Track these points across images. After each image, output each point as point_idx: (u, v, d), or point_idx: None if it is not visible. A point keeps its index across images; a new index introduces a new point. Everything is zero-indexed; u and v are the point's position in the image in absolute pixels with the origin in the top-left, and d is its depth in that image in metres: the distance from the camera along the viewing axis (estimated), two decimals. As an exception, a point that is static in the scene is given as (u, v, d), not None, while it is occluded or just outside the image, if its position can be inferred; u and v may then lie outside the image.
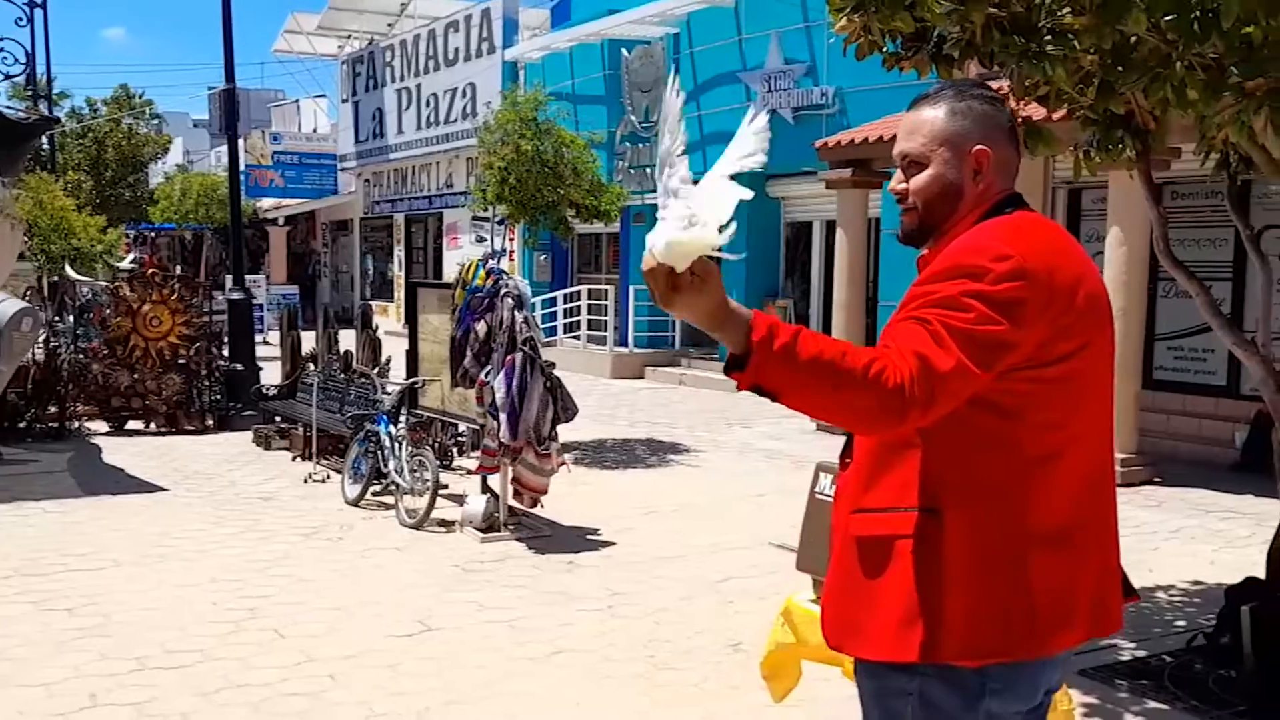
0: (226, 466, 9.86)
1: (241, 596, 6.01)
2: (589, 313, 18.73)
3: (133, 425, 11.66)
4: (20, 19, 18.41)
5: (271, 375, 12.73)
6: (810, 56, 15.17)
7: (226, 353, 12.77)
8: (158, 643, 5.26)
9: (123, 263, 14.24)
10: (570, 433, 9.65)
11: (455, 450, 9.97)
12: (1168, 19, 3.37)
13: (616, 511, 8.10)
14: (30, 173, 19.49)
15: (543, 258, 21.31)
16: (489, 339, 7.33)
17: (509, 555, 6.95)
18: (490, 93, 20.79)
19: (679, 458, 10.48)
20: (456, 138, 23.93)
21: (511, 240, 20.01)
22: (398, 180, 27.94)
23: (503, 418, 7.06)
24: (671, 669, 5.03)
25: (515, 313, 7.25)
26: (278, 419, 11.07)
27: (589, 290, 18.97)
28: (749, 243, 16.36)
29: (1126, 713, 4.43)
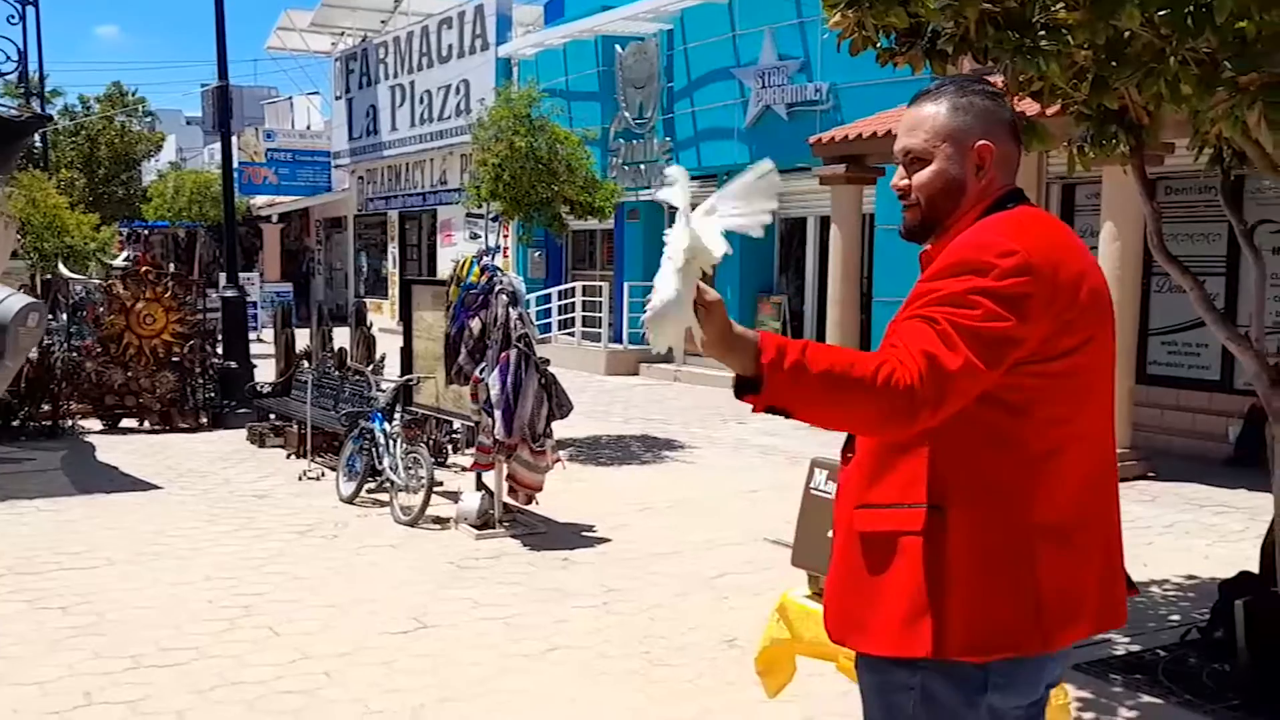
0: (221, 464, 9.84)
1: (236, 594, 6.00)
2: (583, 309, 18.72)
3: (127, 423, 11.64)
4: (12, 16, 18.35)
5: (266, 373, 12.72)
6: (804, 52, 15.17)
7: (220, 350, 12.75)
8: (152, 641, 5.25)
9: (116, 260, 14.20)
10: (565, 429, 9.65)
11: (450, 447, 9.96)
12: (1161, 14, 3.37)
13: (611, 508, 8.10)
14: (23, 170, 19.47)
15: (537, 254, 21.30)
16: (484, 336, 7.33)
17: (504, 552, 6.95)
18: (484, 89, 20.76)
19: (674, 454, 10.48)
20: (450, 134, 23.91)
21: (506, 237, 20.01)
22: (391, 177, 27.91)
23: (497, 415, 7.06)
24: (666, 665, 5.03)
25: (510, 309, 7.25)
26: (272, 417, 11.05)
27: (583, 287, 18.96)
28: (742, 240, 16.31)
29: (1121, 707, 4.44)
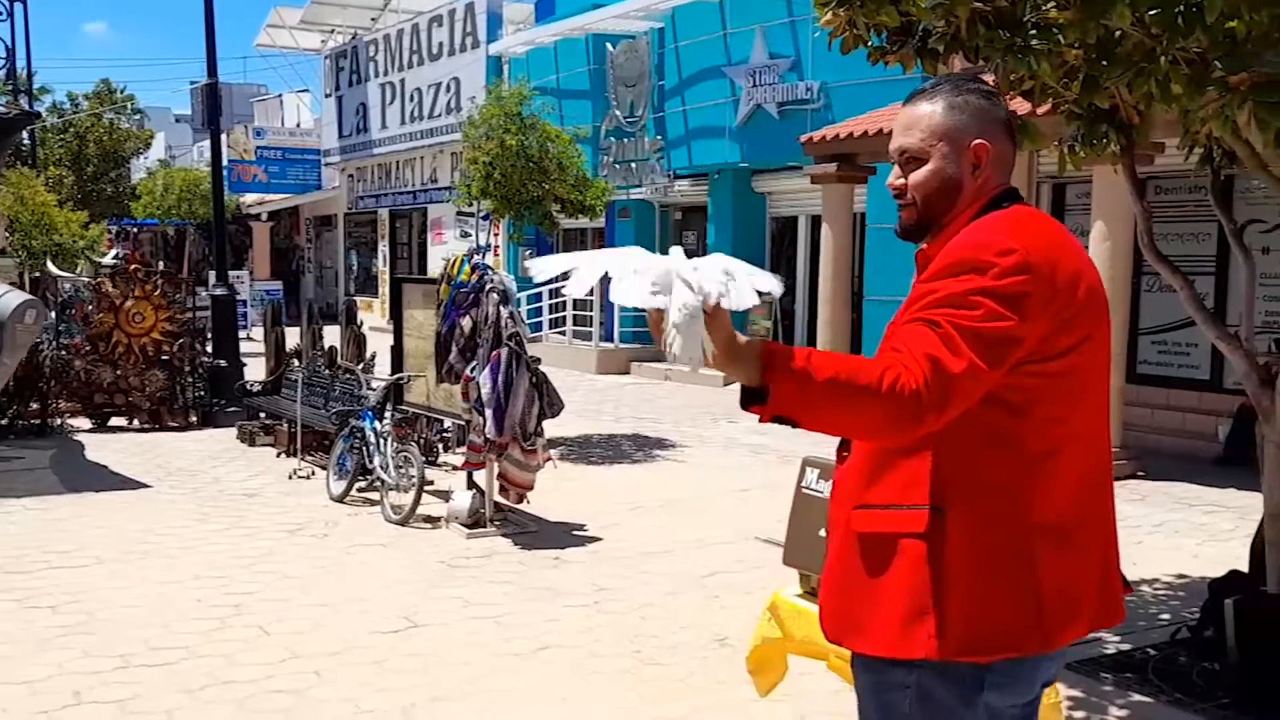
0: (210, 463, 9.82)
1: (226, 593, 5.99)
2: (574, 308, 18.72)
3: (116, 422, 11.60)
4: (1, 13, 18.28)
5: (255, 371, 12.69)
6: (795, 51, 15.17)
7: (210, 349, 12.71)
8: (141, 640, 5.23)
9: (105, 258, 14.15)
10: (556, 428, 9.64)
11: (441, 446, 9.95)
12: (1152, 13, 3.38)
13: (602, 507, 8.09)
14: (11, 168, 19.38)
15: (528, 253, 21.26)
16: (474, 334, 7.32)
17: (495, 551, 6.94)
18: (474, 87, 20.74)
19: (664, 453, 10.48)
20: (440, 132, 23.87)
21: (496, 235, 19.98)
22: (382, 175, 27.86)
23: (488, 413, 7.05)
24: (657, 664, 5.03)
25: (501, 308, 7.24)
26: (262, 415, 11.02)
27: (574, 285, 18.92)
28: (734, 238, 16.38)
29: (1111, 705, 4.45)
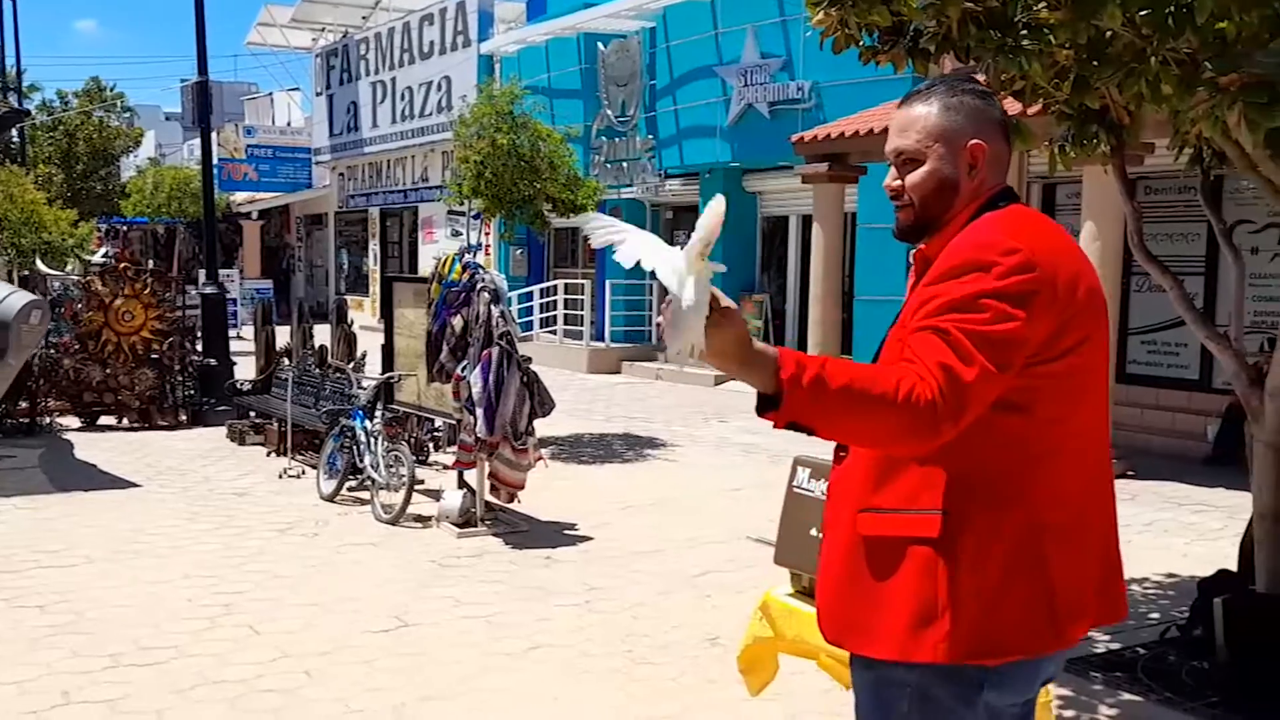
0: (200, 462, 9.79)
1: (216, 593, 5.97)
2: (565, 307, 18.71)
3: (105, 421, 11.56)
4: (-10, 10, 18.23)
5: (246, 370, 12.66)
6: (786, 51, 15.18)
7: (200, 348, 12.68)
8: (131, 639, 5.22)
9: (94, 257, 14.11)
10: (547, 428, 9.64)
11: (431, 445, 9.94)
12: (1143, 14, 3.39)
13: (593, 506, 8.09)
14: (0, 166, 19.30)
15: (519, 252, 21.27)
16: (465, 334, 7.31)
17: (486, 550, 6.93)
18: (465, 86, 20.71)
19: (656, 452, 10.48)
20: (431, 131, 23.84)
21: (487, 234, 19.96)
22: (372, 174, 27.81)
23: (479, 413, 7.04)
24: (649, 663, 5.03)
25: (491, 307, 7.23)
26: (252, 414, 10.99)
27: (565, 285, 18.95)
28: (725, 237, 16.35)
29: (1101, 704, 4.46)
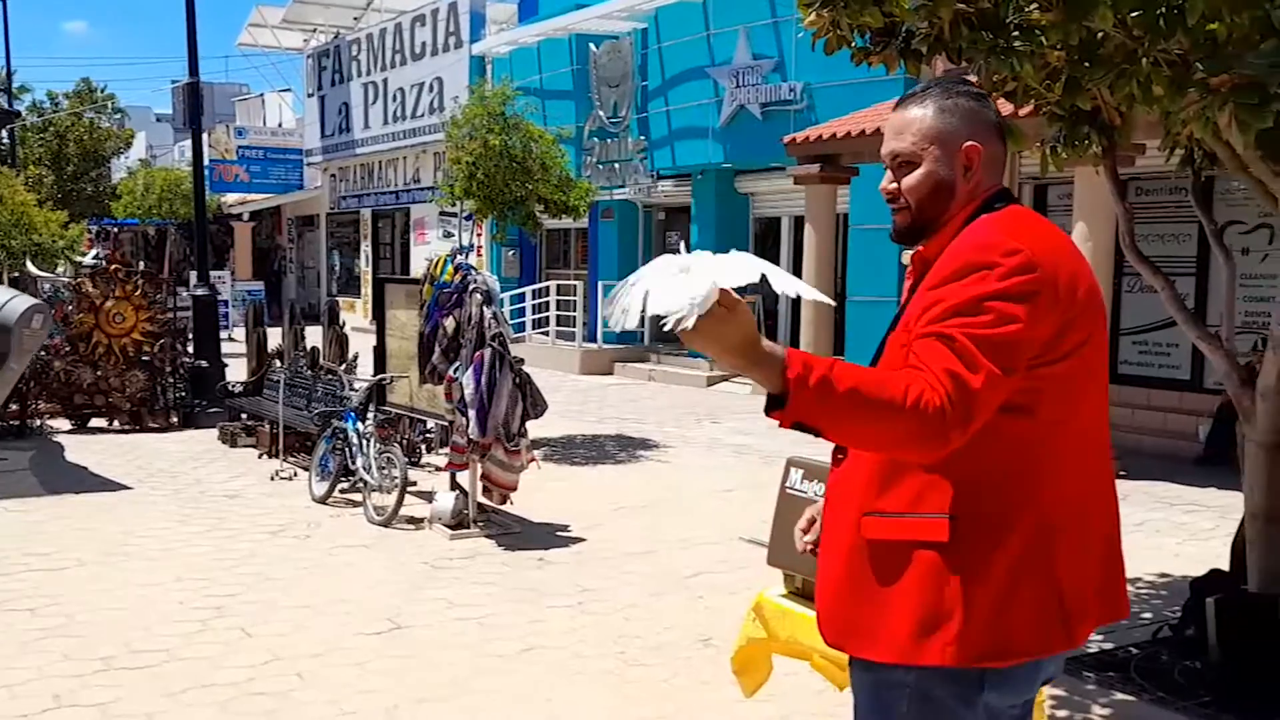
0: (191, 464, 9.77)
1: (208, 595, 5.95)
2: (558, 308, 18.70)
3: (96, 423, 11.53)
4: (-21, 11, 18.15)
5: (237, 372, 12.63)
6: (778, 52, 15.19)
7: (191, 349, 12.65)
8: (123, 642, 5.20)
9: (85, 258, 14.07)
10: (539, 429, 9.62)
11: (424, 447, 9.93)
12: (1134, 15, 3.39)
13: (586, 507, 8.08)
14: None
15: (511, 253, 21.25)
16: (457, 335, 7.30)
17: (478, 552, 6.93)
18: (457, 87, 20.69)
19: (648, 453, 10.48)
20: (423, 132, 23.82)
21: (479, 236, 19.94)
22: (364, 175, 27.78)
23: (471, 414, 7.03)
24: (642, 665, 5.02)
25: (484, 308, 7.22)
26: (244, 416, 10.98)
27: (558, 286, 18.95)
28: (718, 238, 16.38)
29: (1094, 704, 4.47)
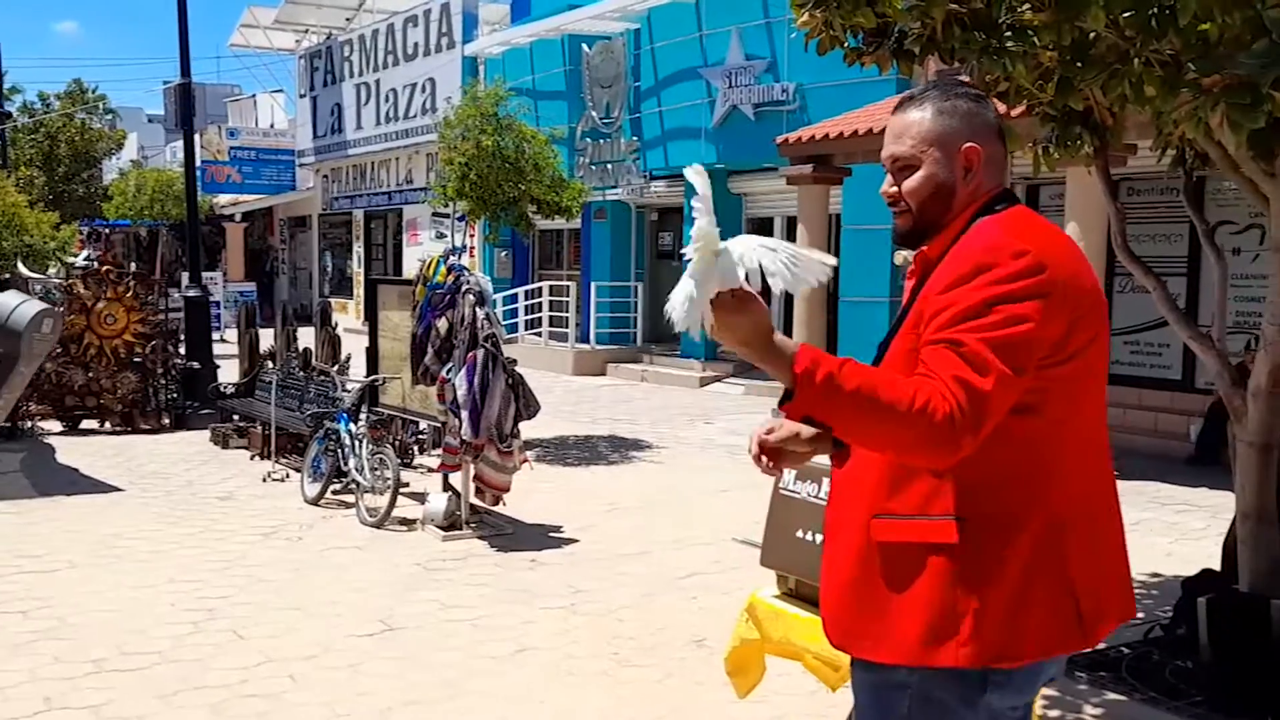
0: (183, 466, 9.74)
1: (200, 597, 5.94)
2: (550, 309, 18.69)
3: (87, 425, 11.49)
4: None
5: (229, 373, 12.61)
6: (771, 52, 15.20)
7: (183, 351, 12.62)
8: (114, 644, 5.19)
9: (77, 260, 14.03)
10: (532, 430, 9.62)
11: (416, 448, 9.91)
12: (1126, 15, 3.40)
13: (579, 509, 8.08)
14: (-19, 168, 19.18)
15: (504, 254, 21.25)
16: (450, 336, 7.30)
17: (471, 553, 6.92)
18: (450, 88, 20.68)
19: (641, 454, 10.47)
20: (416, 133, 23.80)
21: (472, 236, 19.94)
22: (357, 176, 27.75)
23: (464, 415, 7.03)
24: (635, 666, 5.02)
25: (477, 309, 7.21)
26: (236, 417, 10.95)
27: (550, 287, 18.94)
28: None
29: (1086, 704, 4.47)
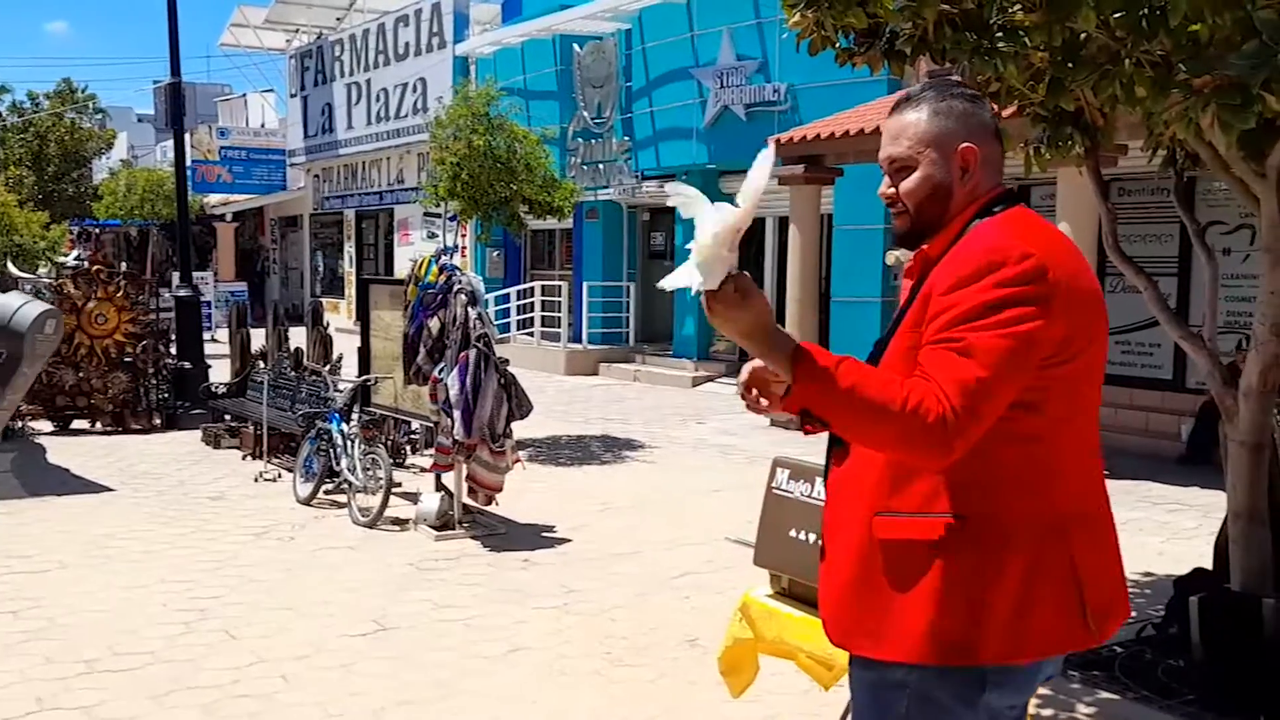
0: (175, 466, 9.72)
1: (191, 597, 5.93)
2: (542, 309, 18.68)
3: (78, 425, 11.47)
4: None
5: (220, 373, 12.58)
6: (762, 53, 15.21)
7: (174, 351, 12.59)
8: (106, 645, 5.18)
9: (67, 259, 13.99)
10: (525, 430, 9.61)
11: (409, 448, 9.91)
12: (1117, 16, 3.40)
13: (572, 508, 8.08)
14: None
15: (495, 254, 21.22)
16: (442, 336, 7.29)
17: (464, 553, 6.91)
18: (441, 88, 20.66)
19: (634, 454, 10.47)
20: (407, 133, 23.76)
21: (464, 236, 19.92)
22: (348, 176, 27.70)
23: (457, 415, 7.02)
24: (628, 665, 5.02)
25: (469, 309, 7.21)
26: (227, 417, 10.94)
27: (542, 286, 18.93)
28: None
29: (1079, 703, 4.48)
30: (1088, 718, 4.39)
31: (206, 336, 15.16)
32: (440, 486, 7.61)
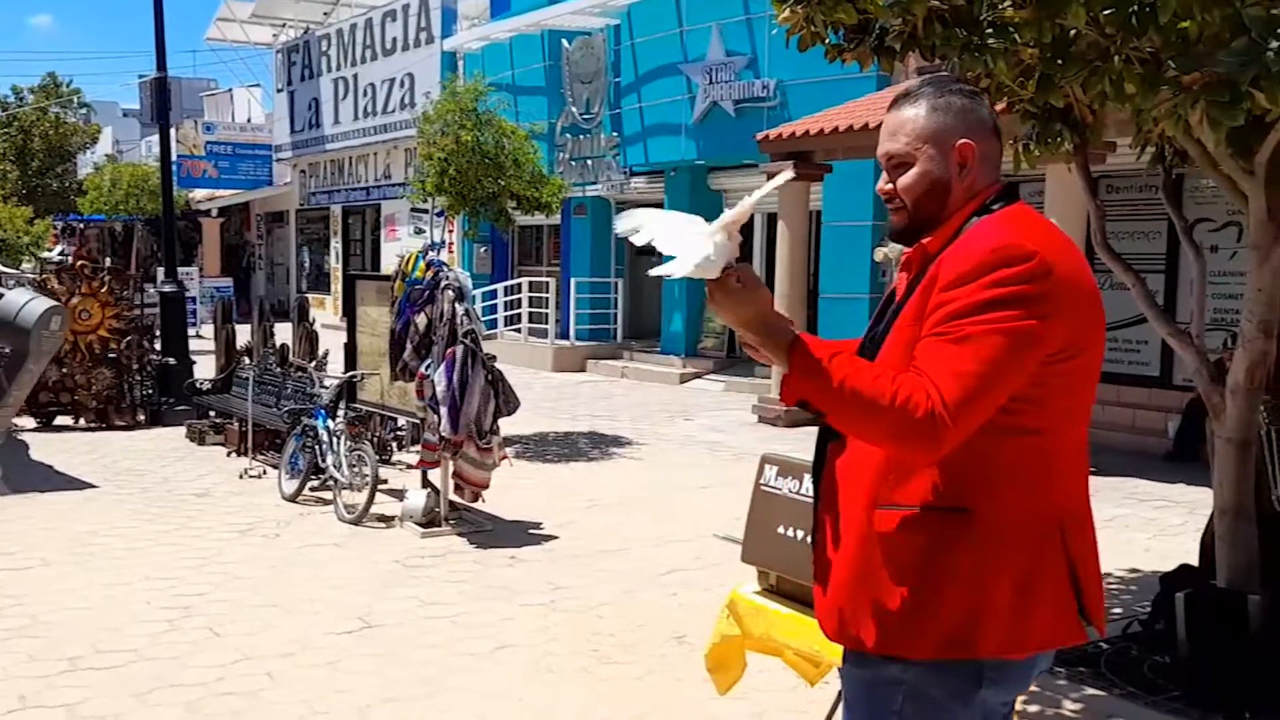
0: (159, 462, 9.67)
1: (175, 595, 5.89)
2: (530, 305, 18.66)
3: (61, 421, 11.40)
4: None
5: (205, 369, 12.53)
6: (751, 49, 15.20)
7: (159, 346, 12.53)
8: (89, 643, 5.14)
9: (51, 254, 13.92)
10: (512, 426, 9.60)
11: (395, 445, 9.87)
12: (1106, 13, 3.40)
13: (559, 505, 8.06)
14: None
15: (483, 250, 21.19)
16: (429, 332, 7.26)
17: (450, 550, 6.89)
18: (429, 83, 20.61)
19: (621, 450, 10.46)
20: (394, 128, 23.71)
21: (451, 232, 19.88)
22: (334, 171, 27.62)
23: (443, 411, 7.00)
24: (615, 662, 5.01)
25: (456, 305, 7.18)
26: (212, 414, 10.88)
27: (530, 283, 18.90)
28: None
29: (1065, 699, 4.49)
30: (1074, 714, 4.39)
31: (191, 332, 15.09)
32: (426, 483, 7.59)
